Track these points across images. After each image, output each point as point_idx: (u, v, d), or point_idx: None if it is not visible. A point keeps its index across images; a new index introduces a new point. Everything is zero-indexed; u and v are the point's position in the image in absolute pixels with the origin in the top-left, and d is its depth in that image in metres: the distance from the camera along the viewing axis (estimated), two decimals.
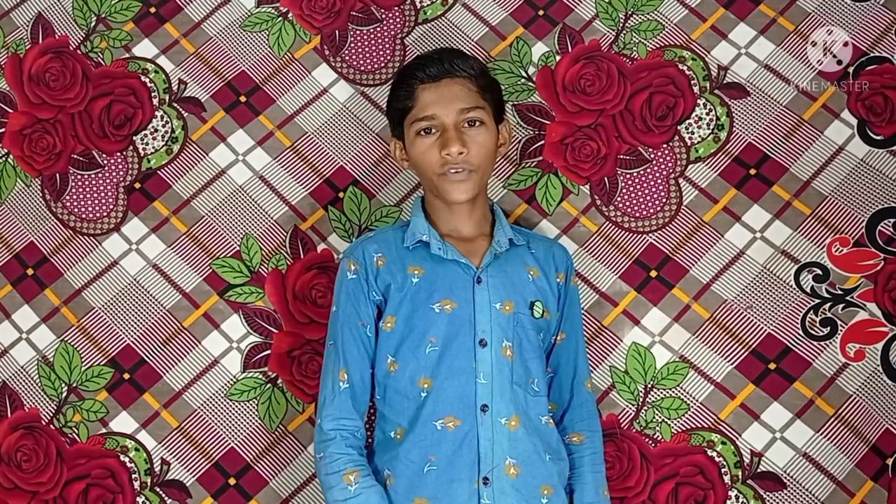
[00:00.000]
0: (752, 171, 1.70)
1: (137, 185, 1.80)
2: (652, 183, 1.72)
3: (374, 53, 1.83)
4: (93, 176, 1.81)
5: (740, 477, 1.59)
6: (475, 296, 1.46)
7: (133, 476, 1.67)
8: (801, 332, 1.63)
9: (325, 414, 1.44)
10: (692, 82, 1.75)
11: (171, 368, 1.71)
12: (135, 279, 1.76)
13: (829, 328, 1.62)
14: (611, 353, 1.66)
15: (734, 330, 1.64)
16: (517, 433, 1.40)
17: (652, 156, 1.73)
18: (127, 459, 1.67)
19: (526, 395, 1.44)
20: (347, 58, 1.84)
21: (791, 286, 1.65)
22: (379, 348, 1.49)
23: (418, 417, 1.42)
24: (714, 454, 1.60)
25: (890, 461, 1.56)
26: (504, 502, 1.36)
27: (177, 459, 1.67)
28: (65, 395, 1.71)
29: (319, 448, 1.42)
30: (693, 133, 1.73)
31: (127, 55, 1.87)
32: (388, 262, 1.50)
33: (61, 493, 1.66)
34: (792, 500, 1.57)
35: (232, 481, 1.66)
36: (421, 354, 1.44)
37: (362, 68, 1.83)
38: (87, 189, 1.80)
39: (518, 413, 1.41)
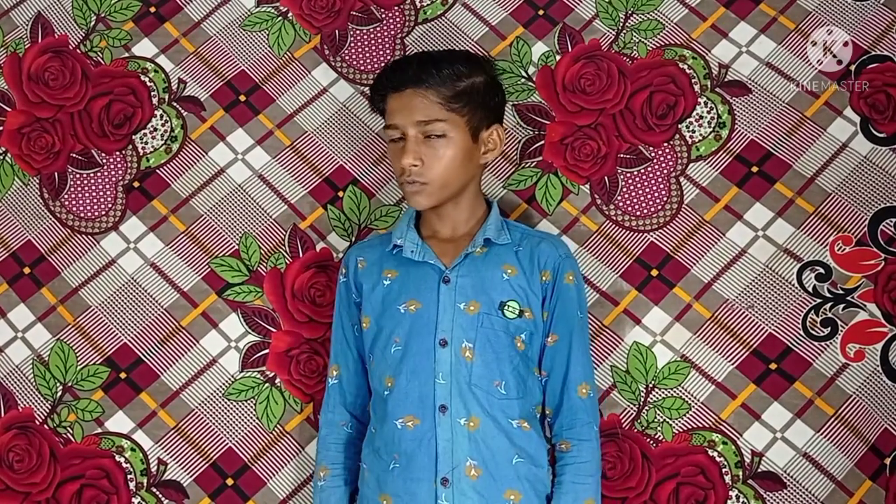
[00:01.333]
0: (754, 169, 1.70)
1: (136, 184, 1.80)
2: (653, 181, 1.72)
3: (374, 53, 1.83)
4: (91, 175, 1.80)
5: (741, 477, 1.58)
6: (440, 296, 1.46)
7: (129, 476, 1.66)
8: (801, 332, 1.62)
9: (322, 408, 1.57)
10: (693, 81, 1.75)
11: (168, 368, 1.70)
12: (132, 278, 1.75)
13: (829, 328, 1.61)
14: (612, 352, 1.65)
15: (735, 329, 1.63)
16: (477, 434, 1.40)
17: (652, 154, 1.73)
18: (123, 460, 1.66)
19: (489, 397, 1.42)
20: (347, 57, 1.84)
21: (792, 285, 1.64)
22: (364, 347, 1.54)
23: (384, 415, 1.45)
24: (715, 454, 1.59)
25: (888, 461, 1.55)
26: (464, 503, 1.37)
27: (174, 459, 1.66)
28: (60, 394, 1.70)
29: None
30: (694, 131, 1.73)
31: (126, 54, 1.87)
32: (368, 265, 1.56)
33: (54, 494, 1.66)
34: (792, 499, 1.56)
35: (230, 481, 1.65)
36: (388, 354, 1.47)
37: (362, 68, 1.83)
38: (86, 188, 1.80)
39: (480, 415, 1.40)
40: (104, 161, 1.81)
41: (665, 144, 1.73)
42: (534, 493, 1.42)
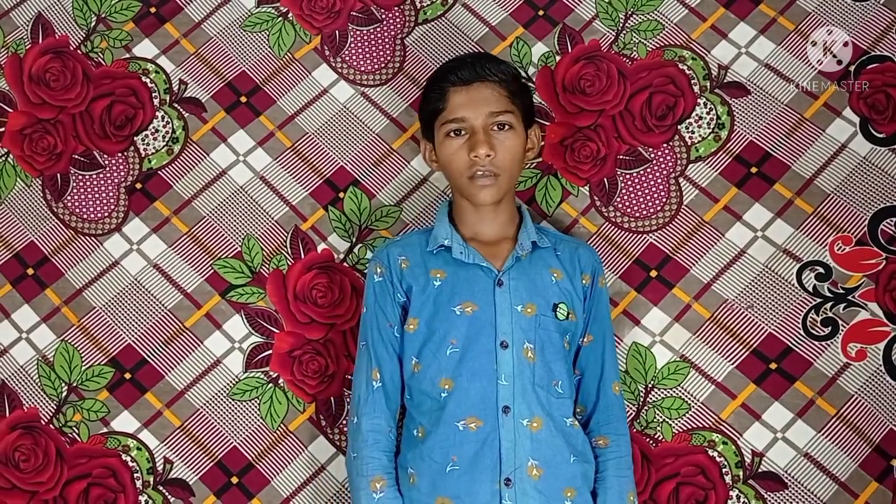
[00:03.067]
0: (754, 170, 1.70)
1: (138, 186, 1.80)
2: (652, 183, 1.72)
3: (374, 54, 1.83)
4: (94, 176, 1.81)
5: (741, 477, 1.58)
6: (496, 298, 1.47)
7: (135, 475, 1.67)
8: (801, 331, 1.62)
9: (362, 412, 1.48)
10: (692, 82, 1.74)
11: (173, 368, 1.71)
12: (136, 279, 1.76)
13: (830, 328, 1.62)
14: None
15: (735, 330, 1.64)
16: (540, 434, 1.41)
17: (652, 156, 1.73)
18: (129, 459, 1.68)
19: (549, 396, 1.44)
20: (347, 58, 1.84)
21: (792, 285, 1.64)
22: (404, 349, 1.51)
23: (440, 418, 1.43)
24: (715, 454, 1.60)
25: (895, 462, 1.56)
26: (526, 503, 1.38)
27: (180, 458, 1.68)
28: (65, 394, 1.71)
29: (355, 447, 1.47)
30: (693, 132, 1.73)
31: (127, 55, 1.87)
32: (412, 264, 1.53)
33: (61, 493, 1.67)
34: (793, 500, 1.57)
35: (234, 480, 1.66)
36: (442, 356, 1.46)
37: (362, 69, 1.83)
38: (88, 189, 1.80)
39: (541, 415, 1.42)
40: (106, 162, 1.81)
41: (664, 145, 1.73)
42: (586, 487, 1.44)
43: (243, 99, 1.82)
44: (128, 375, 1.71)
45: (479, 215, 1.55)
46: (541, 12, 1.82)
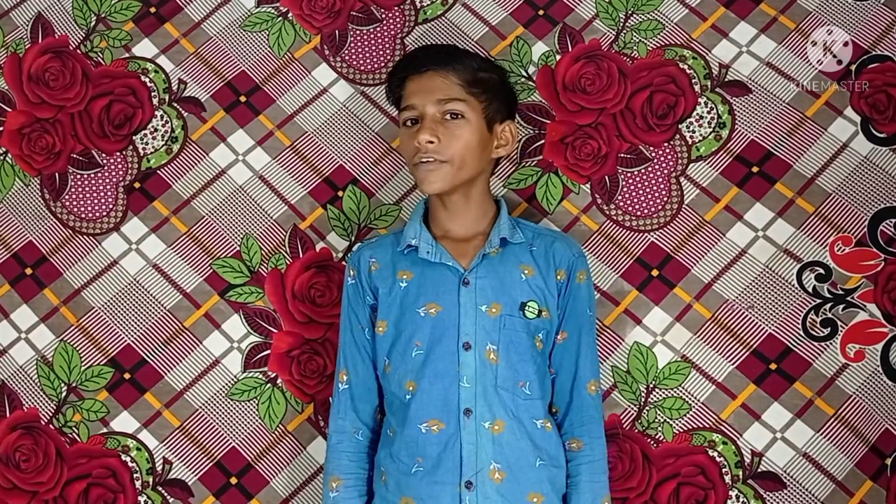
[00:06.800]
0: (755, 169, 1.69)
1: (137, 185, 1.80)
2: (653, 181, 1.72)
3: (374, 53, 1.83)
4: (92, 175, 1.81)
5: (741, 477, 1.58)
6: (460, 298, 1.45)
7: (135, 475, 1.67)
8: (801, 332, 1.62)
9: (330, 415, 1.53)
10: (693, 81, 1.74)
11: (172, 368, 1.71)
12: (135, 279, 1.76)
13: (829, 329, 1.62)
14: (612, 352, 1.66)
15: (735, 330, 1.64)
16: (502, 437, 1.39)
17: (653, 154, 1.73)
18: (128, 459, 1.68)
19: (515, 398, 1.42)
20: (347, 58, 1.84)
21: (792, 285, 1.64)
22: (377, 351, 1.51)
23: (406, 419, 1.43)
24: (715, 454, 1.59)
25: (889, 461, 1.56)
26: None
27: (179, 459, 1.68)
28: (64, 394, 1.71)
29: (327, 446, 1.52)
30: (694, 131, 1.72)
31: (127, 55, 1.86)
32: (381, 266, 1.53)
33: (62, 493, 1.67)
34: (792, 499, 1.57)
35: (234, 480, 1.66)
36: (408, 358, 1.46)
37: (362, 68, 1.83)
38: (87, 188, 1.80)
39: (504, 417, 1.40)
40: (105, 162, 1.81)
41: (665, 144, 1.73)
42: (554, 493, 1.42)
43: (243, 98, 1.82)
44: (127, 376, 1.71)
45: (448, 212, 1.53)
46: (541, 12, 1.81)
